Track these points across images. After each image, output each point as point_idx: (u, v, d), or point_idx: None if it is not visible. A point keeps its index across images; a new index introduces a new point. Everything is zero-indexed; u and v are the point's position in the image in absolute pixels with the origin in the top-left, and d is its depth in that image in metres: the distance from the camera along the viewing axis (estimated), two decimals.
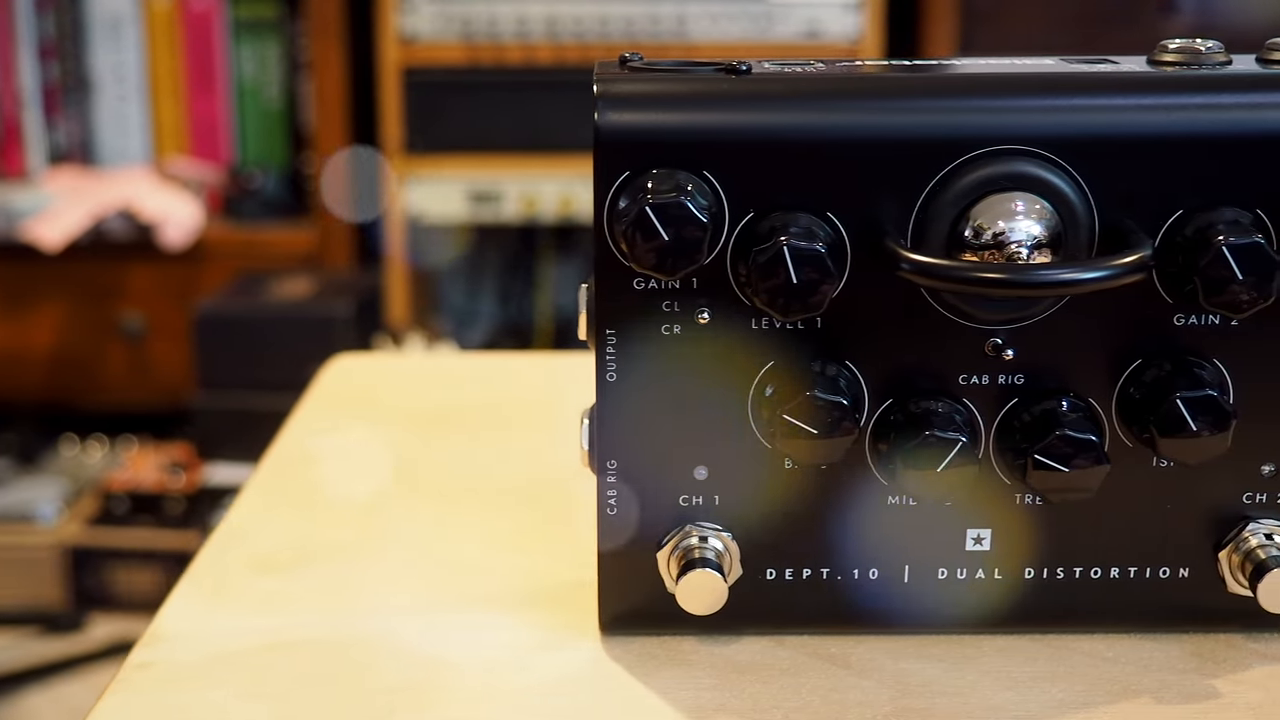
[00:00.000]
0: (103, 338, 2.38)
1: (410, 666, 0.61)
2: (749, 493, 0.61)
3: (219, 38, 2.42)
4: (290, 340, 2.10)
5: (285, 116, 2.46)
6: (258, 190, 2.42)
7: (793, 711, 0.58)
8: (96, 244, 2.31)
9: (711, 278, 0.58)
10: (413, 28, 2.30)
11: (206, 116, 2.44)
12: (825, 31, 2.33)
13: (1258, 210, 0.58)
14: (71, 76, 2.42)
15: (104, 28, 2.41)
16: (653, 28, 2.34)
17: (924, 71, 0.59)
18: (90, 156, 2.45)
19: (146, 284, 2.37)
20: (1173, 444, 0.58)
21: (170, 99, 2.43)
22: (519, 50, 2.31)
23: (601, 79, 0.58)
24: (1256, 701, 0.59)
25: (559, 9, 2.31)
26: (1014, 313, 0.59)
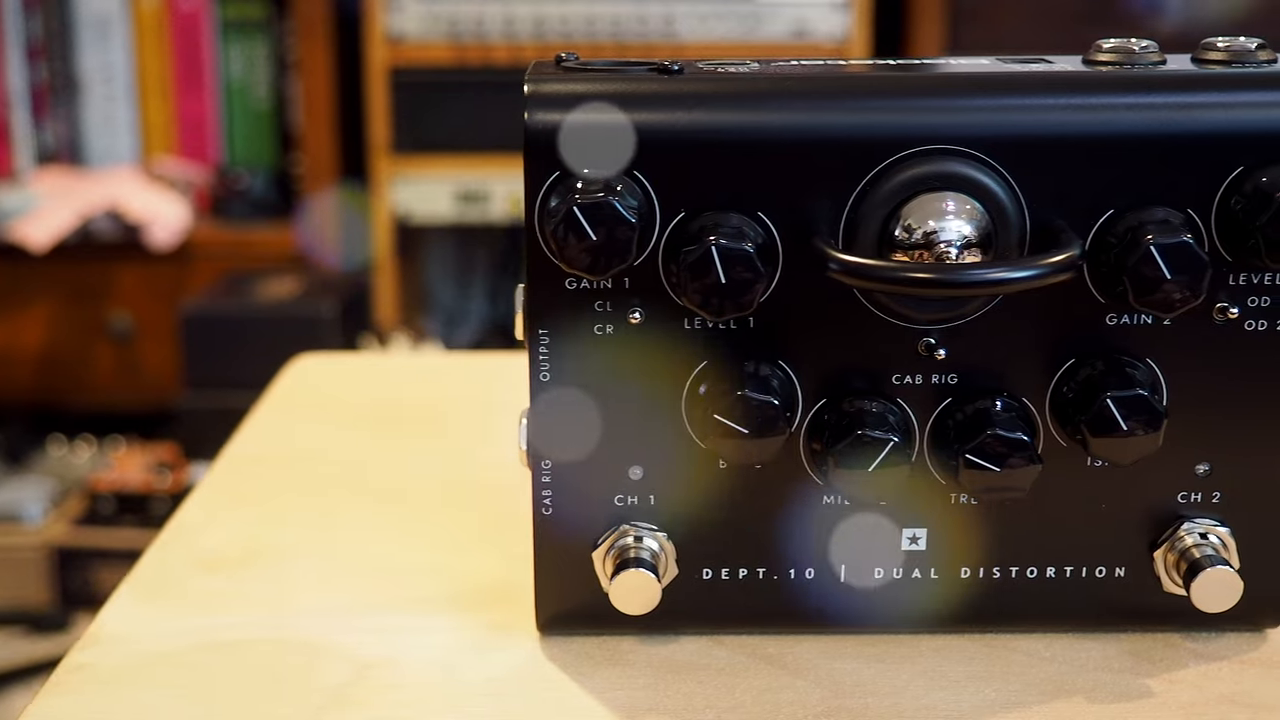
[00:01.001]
0: (90, 338, 2.39)
1: (346, 666, 0.61)
2: (684, 493, 0.61)
3: (207, 38, 2.42)
4: (276, 340, 2.10)
5: (273, 117, 2.46)
6: (245, 190, 2.42)
7: (725, 711, 0.58)
8: (84, 244, 2.31)
9: (643, 277, 0.58)
10: (400, 28, 2.31)
11: (194, 117, 2.45)
12: (813, 31, 2.33)
13: (1189, 210, 0.57)
14: (59, 77, 2.42)
15: (92, 28, 2.42)
16: (640, 28, 2.34)
17: (857, 72, 0.59)
18: (78, 157, 2.45)
19: (134, 284, 2.37)
20: (1104, 443, 0.58)
21: (158, 99, 2.44)
22: (506, 50, 2.31)
23: (532, 79, 0.58)
24: (1189, 700, 0.59)
25: (546, 9, 2.32)
26: (946, 312, 0.59)
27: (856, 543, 0.62)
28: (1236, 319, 0.59)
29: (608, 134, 0.57)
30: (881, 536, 0.62)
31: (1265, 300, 0.59)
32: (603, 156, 0.57)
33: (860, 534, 0.61)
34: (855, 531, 0.61)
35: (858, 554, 0.62)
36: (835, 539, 0.62)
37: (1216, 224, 0.58)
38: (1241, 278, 0.58)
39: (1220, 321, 0.59)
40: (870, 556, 0.62)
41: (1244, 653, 0.62)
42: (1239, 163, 0.57)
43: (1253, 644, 0.63)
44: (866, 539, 0.62)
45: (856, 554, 0.62)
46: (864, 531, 0.61)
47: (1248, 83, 0.58)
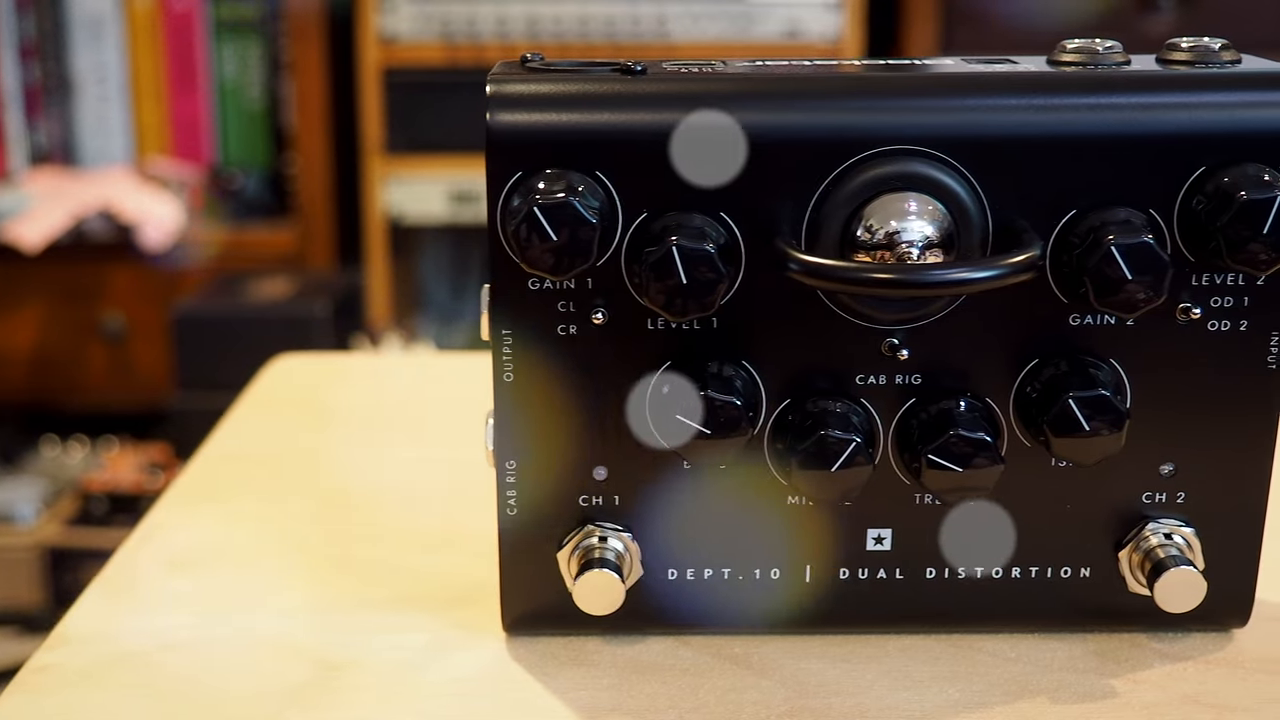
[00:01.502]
0: (83, 338, 2.39)
1: (309, 667, 0.61)
2: (649, 493, 0.61)
3: (200, 38, 2.42)
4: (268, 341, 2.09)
5: (266, 117, 2.46)
6: (239, 191, 2.42)
7: (688, 712, 0.58)
8: (77, 245, 2.31)
9: (606, 278, 0.58)
10: (393, 28, 2.31)
11: (188, 117, 2.44)
12: (805, 31, 2.33)
13: (1151, 211, 0.57)
14: (52, 77, 2.42)
15: (85, 28, 2.41)
16: (633, 28, 2.34)
17: (819, 73, 0.59)
18: (71, 157, 2.45)
19: (127, 285, 2.37)
20: (1066, 444, 0.58)
21: (151, 99, 2.44)
22: (499, 50, 2.31)
23: (495, 79, 0.58)
24: (1152, 701, 0.59)
25: (539, 9, 2.31)
26: (909, 313, 0.59)
27: (821, 543, 0.62)
28: (1199, 319, 0.59)
29: (570, 134, 0.57)
30: (847, 537, 0.62)
31: (1228, 300, 0.59)
32: (565, 157, 0.57)
33: (825, 534, 0.61)
34: (820, 532, 0.61)
35: (823, 554, 0.62)
36: (800, 540, 0.62)
37: (1179, 224, 0.58)
38: (1204, 278, 0.58)
39: (1183, 322, 0.59)
40: (835, 557, 0.62)
41: (1209, 653, 0.62)
42: (1201, 163, 0.57)
43: (1219, 644, 0.63)
44: (831, 539, 0.61)
45: (821, 554, 0.62)
46: (829, 532, 0.61)
47: (1210, 83, 0.58)
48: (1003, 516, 0.61)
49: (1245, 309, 0.59)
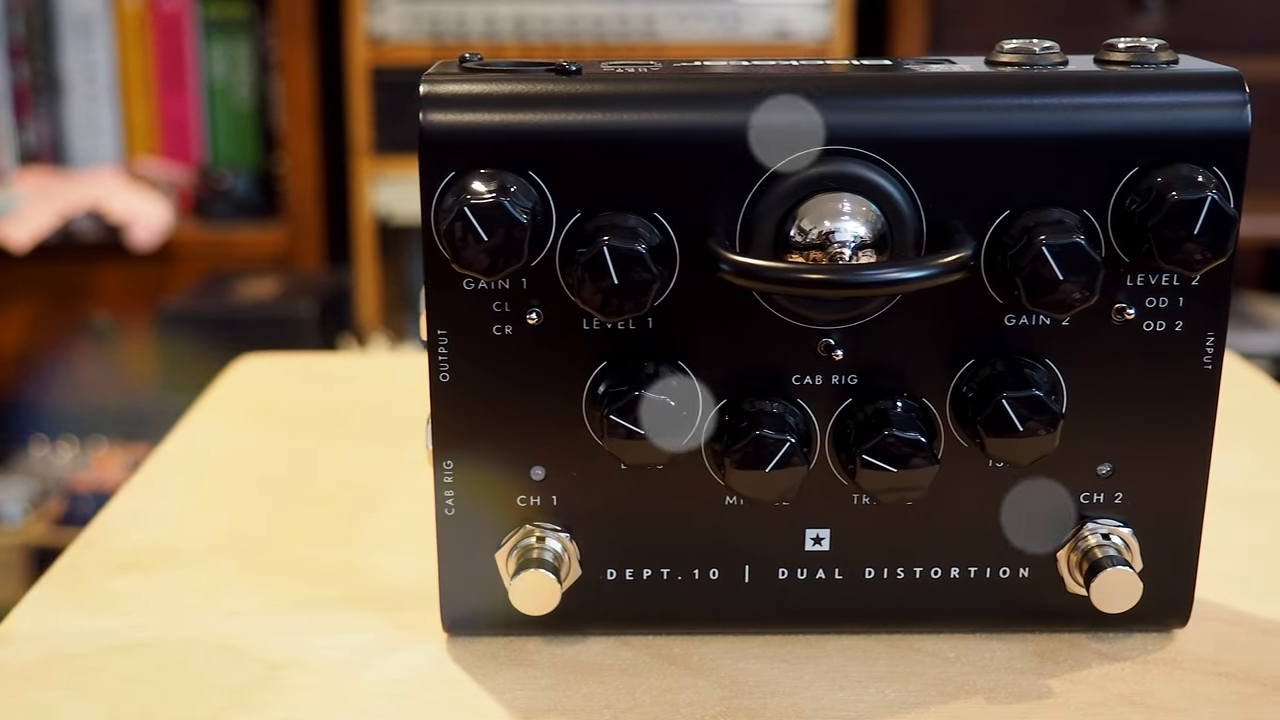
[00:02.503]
0: (71, 338, 2.39)
1: (251, 667, 0.61)
2: (586, 493, 0.61)
3: (189, 38, 2.42)
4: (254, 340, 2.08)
5: (256, 117, 2.46)
6: (228, 191, 2.42)
7: (623, 712, 0.58)
8: (65, 244, 2.31)
9: (541, 278, 0.58)
10: (381, 28, 2.31)
11: (177, 117, 2.45)
12: (794, 31, 2.33)
13: (1085, 211, 0.57)
14: (41, 77, 2.42)
15: (74, 28, 2.42)
16: (621, 28, 2.34)
17: (755, 73, 0.59)
18: (61, 157, 2.45)
19: (116, 284, 2.37)
20: (1000, 444, 0.58)
21: (141, 99, 2.44)
22: (487, 50, 2.31)
23: (429, 80, 0.58)
24: (1087, 701, 0.59)
25: (527, 9, 2.31)
26: (844, 313, 0.59)
27: (760, 543, 0.62)
28: (1135, 320, 0.59)
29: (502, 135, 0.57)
30: (785, 537, 0.62)
31: (1163, 301, 0.59)
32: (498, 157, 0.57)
33: (764, 535, 0.61)
34: (759, 532, 0.61)
35: (761, 555, 0.62)
36: (738, 540, 0.62)
37: (1113, 225, 0.58)
38: (1139, 278, 0.58)
39: (1118, 322, 0.59)
40: (774, 557, 0.62)
41: (1149, 653, 0.62)
42: (1134, 163, 0.57)
43: (1158, 644, 0.63)
44: (770, 540, 0.62)
45: (760, 555, 0.62)
46: (767, 532, 0.61)
47: (1143, 84, 0.58)
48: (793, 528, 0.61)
49: (1180, 309, 0.59)
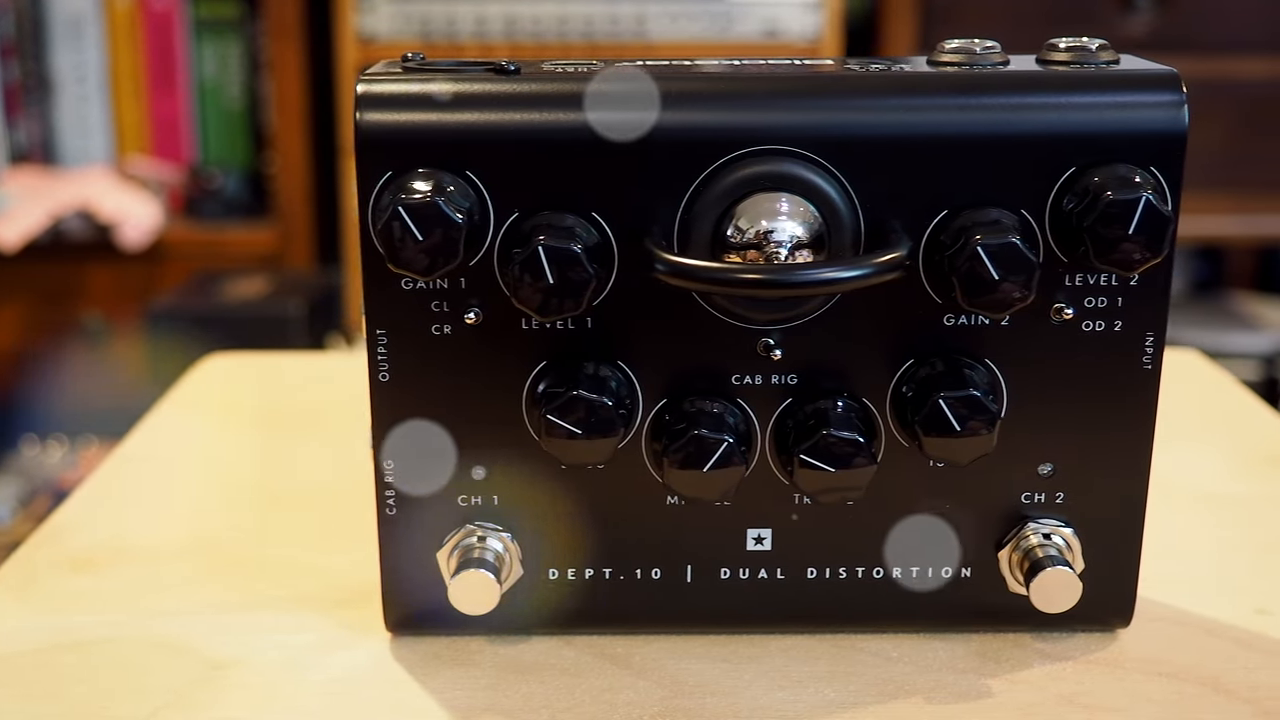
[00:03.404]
0: (62, 337, 2.39)
1: (194, 666, 0.61)
2: (527, 493, 0.61)
3: (180, 37, 2.42)
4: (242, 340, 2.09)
5: (246, 116, 2.46)
6: (218, 190, 2.42)
7: (561, 712, 0.58)
8: (55, 244, 2.31)
9: (480, 278, 0.58)
10: (371, 27, 2.31)
11: (167, 116, 2.45)
12: (784, 31, 2.33)
13: (1023, 211, 0.57)
14: (32, 76, 2.42)
15: (64, 27, 2.42)
16: (612, 27, 2.34)
17: (693, 72, 0.59)
18: (51, 156, 2.45)
19: (106, 284, 2.37)
20: (938, 443, 0.58)
21: (131, 99, 2.44)
22: (477, 50, 2.31)
23: (365, 79, 0.58)
24: (1027, 702, 0.59)
25: (517, 9, 2.31)
26: (782, 313, 0.59)
27: (702, 543, 0.62)
28: (1074, 319, 0.59)
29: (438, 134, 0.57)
30: (727, 537, 0.62)
31: (1102, 301, 0.59)
32: (435, 157, 0.57)
33: (705, 534, 0.61)
34: (700, 532, 0.61)
35: (703, 555, 0.62)
36: (680, 539, 0.62)
37: (1051, 225, 0.58)
38: (1078, 278, 0.58)
39: (1058, 322, 0.59)
40: (716, 557, 0.62)
41: (1091, 653, 0.62)
42: (1071, 163, 0.57)
43: (1101, 644, 0.63)
44: (711, 540, 0.62)
45: (702, 555, 0.62)
46: (709, 532, 0.61)
47: (1080, 84, 0.58)
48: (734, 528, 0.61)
49: (1119, 309, 0.59)
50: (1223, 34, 2.23)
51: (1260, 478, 0.81)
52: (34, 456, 2.39)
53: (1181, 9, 2.26)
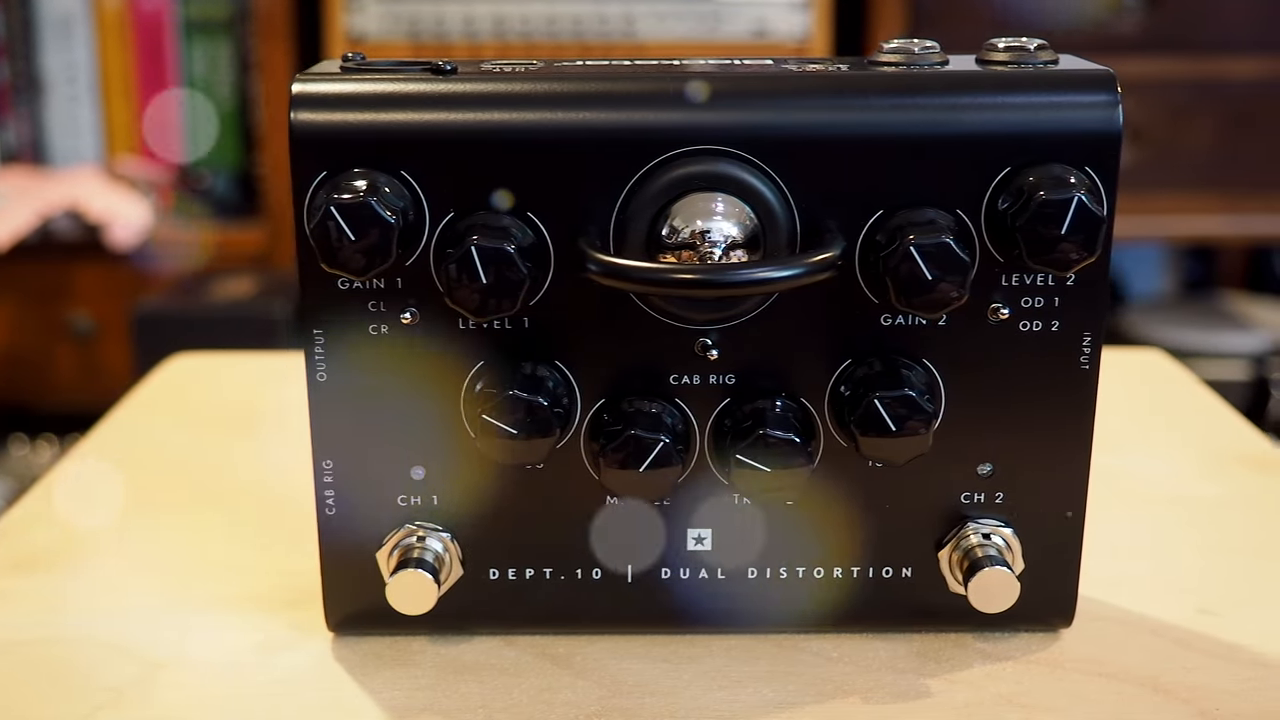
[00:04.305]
0: (51, 338, 2.39)
1: (133, 666, 0.61)
2: (467, 492, 0.61)
3: (169, 38, 2.43)
4: (229, 340, 2.09)
5: (236, 117, 2.46)
6: (208, 190, 2.42)
7: (498, 711, 0.58)
8: (44, 244, 2.31)
9: (416, 278, 0.58)
10: (360, 27, 2.31)
11: (157, 116, 2.45)
12: (773, 31, 2.33)
13: (958, 211, 0.57)
14: (22, 76, 2.43)
15: (54, 28, 2.42)
16: (600, 27, 2.34)
17: (629, 72, 0.59)
18: (41, 156, 2.46)
19: (95, 284, 2.37)
20: (873, 443, 0.58)
21: (121, 99, 2.44)
22: (466, 50, 2.31)
23: (301, 79, 0.58)
24: (964, 701, 0.59)
25: (506, 9, 2.31)
26: (719, 313, 0.59)
27: (642, 543, 0.62)
28: (1010, 319, 0.59)
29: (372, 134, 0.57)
30: (667, 537, 0.61)
31: (1038, 301, 0.59)
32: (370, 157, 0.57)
33: (645, 534, 0.61)
34: (640, 532, 0.61)
35: (643, 554, 0.62)
36: (620, 539, 0.62)
37: (986, 225, 0.58)
38: (1014, 278, 0.58)
39: (995, 322, 0.59)
40: (656, 557, 0.62)
41: (1032, 653, 0.62)
42: (1007, 163, 0.57)
43: (1043, 644, 0.63)
44: (652, 539, 0.61)
45: (642, 554, 0.62)
46: (649, 532, 0.61)
47: (1015, 84, 0.58)
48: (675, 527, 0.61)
49: (1056, 309, 0.59)
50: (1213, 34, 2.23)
51: (1217, 479, 0.81)
52: (22, 456, 2.39)
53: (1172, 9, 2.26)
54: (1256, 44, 2.22)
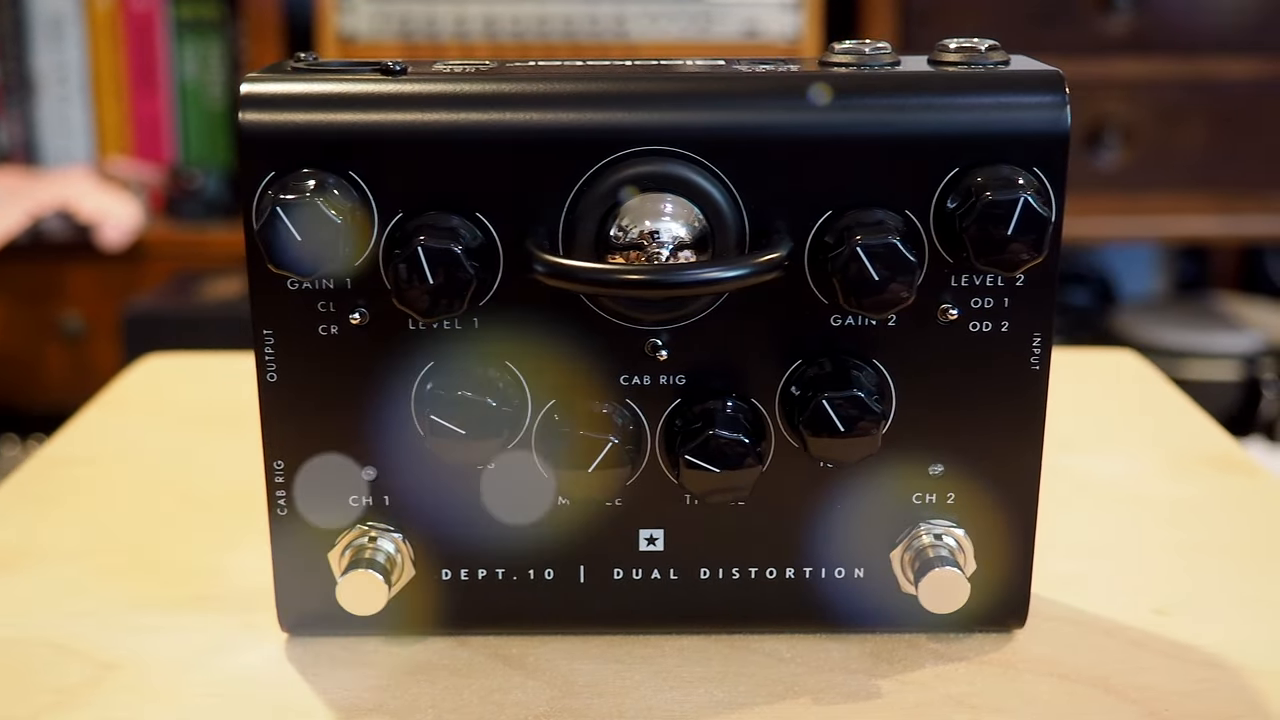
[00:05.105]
0: (42, 338, 2.39)
1: (83, 667, 0.61)
2: (419, 493, 0.61)
3: (161, 38, 2.43)
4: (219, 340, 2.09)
5: (227, 117, 2.46)
6: (199, 190, 2.42)
7: (447, 712, 0.58)
8: (35, 244, 2.31)
9: (366, 278, 0.58)
10: (351, 27, 2.31)
11: (148, 116, 2.45)
12: (764, 31, 2.33)
13: (907, 212, 0.57)
14: (13, 77, 2.43)
15: (45, 28, 2.42)
16: (592, 27, 2.34)
17: (578, 72, 0.59)
18: (33, 157, 2.46)
19: (86, 284, 2.38)
20: (821, 443, 0.58)
21: (112, 99, 2.44)
22: (458, 50, 2.31)
23: (250, 79, 0.58)
24: (915, 702, 0.59)
25: (497, 9, 2.31)
26: (668, 313, 0.59)
27: (594, 544, 0.62)
28: (959, 320, 0.59)
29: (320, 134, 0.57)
30: (619, 537, 0.61)
31: (988, 301, 0.58)
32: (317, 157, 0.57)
33: (597, 535, 0.61)
34: (592, 532, 0.61)
35: (596, 555, 0.62)
36: (572, 540, 0.62)
37: (935, 226, 0.58)
38: (963, 279, 0.58)
39: (944, 323, 0.59)
40: (608, 557, 0.62)
41: (985, 653, 0.62)
42: (955, 164, 0.57)
43: (996, 645, 0.63)
44: (604, 540, 0.61)
45: (594, 555, 0.62)
46: (601, 532, 0.61)
47: (964, 85, 0.57)
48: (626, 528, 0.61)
49: (1005, 310, 0.59)
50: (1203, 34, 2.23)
51: (1182, 479, 0.81)
52: (13, 457, 2.39)
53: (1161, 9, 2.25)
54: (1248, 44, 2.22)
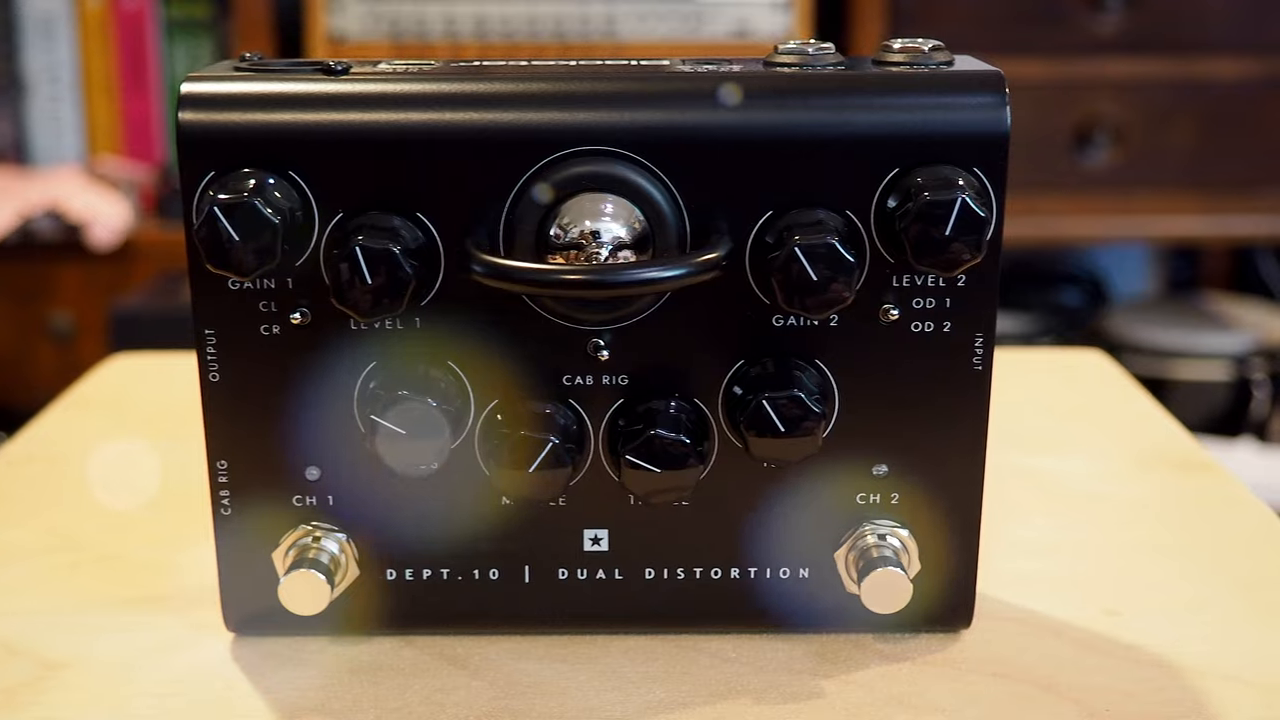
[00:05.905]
0: (32, 338, 2.40)
1: (26, 667, 0.61)
2: (362, 493, 0.61)
3: (151, 37, 2.43)
4: None
5: None
6: None
7: (389, 712, 0.58)
8: (24, 244, 2.32)
9: (307, 278, 0.58)
10: (341, 27, 2.31)
11: (139, 116, 2.45)
12: (754, 31, 2.33)
13: (848, 212, 0.57)
14: (3, 76, 2.43)
15: (36, 27, 2.42)
16: (582, 27, 2.34)
17: (518, 72, 0.59)
18: (23, 156, 2.46)
19: (76, 284, 2.38)
20: (763, 444, 0.58)
21: (103, 98, 2.44)
22: (448, 50, 2.31)
23: (191, 79, 0.58)
24: (857, 702, 0.58)
25: (487, 9, 2.32)
26: (609, 313, 0.59)
27: (539, 544, 0.62)
28: (901, 320, 0.59)
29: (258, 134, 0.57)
30: (563, 537, 0.61)
31: (930, 302, 0.58)
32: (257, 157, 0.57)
33: (542, 535, 0.61)
34: (537, 532, 0.61)
35: (540, 555, 0.62)
36: (517, 540, 0.61)
37: (876, 226, 0.57)
38: (905, 279, 0.58)
39: (886, 323, 0.59)
40: (553, 557, 0.62)
41: (931, 653, 0.62)
42: (895, 164, 0.57)
43: (942, 645, 0.62)
44: (548, 540, 0.61)
45: (539, 555, 0.62)
46: (546, 532, 0.61)
47: (904, 85, 0.57)
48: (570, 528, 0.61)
49: (947, 310, 0.58)
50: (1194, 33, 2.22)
51: (1140, 480, 0.81)
52: None
53: (1152, 9, 2.25)
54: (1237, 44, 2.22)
